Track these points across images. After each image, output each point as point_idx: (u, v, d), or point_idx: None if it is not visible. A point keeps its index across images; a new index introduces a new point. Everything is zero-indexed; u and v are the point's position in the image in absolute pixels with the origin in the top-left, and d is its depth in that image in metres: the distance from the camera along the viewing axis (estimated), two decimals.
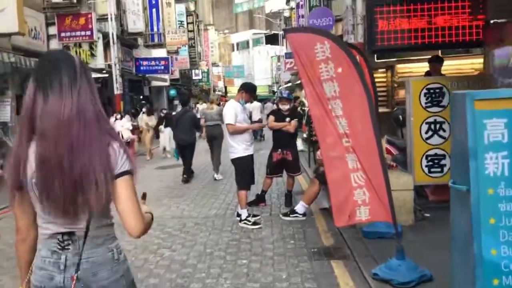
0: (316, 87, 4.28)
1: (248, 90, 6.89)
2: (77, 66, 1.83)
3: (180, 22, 33.06)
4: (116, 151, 1.82)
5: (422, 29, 6.44)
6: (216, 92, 49.07)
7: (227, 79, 53.50)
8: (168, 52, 29.00)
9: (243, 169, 6.74)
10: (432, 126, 6.61)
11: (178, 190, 9.68)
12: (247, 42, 63.85)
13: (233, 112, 6.64)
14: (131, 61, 23.76)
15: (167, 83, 28.81)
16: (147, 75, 25.73)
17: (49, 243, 1.86)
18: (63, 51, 1.99)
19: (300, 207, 6.91)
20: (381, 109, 11.04)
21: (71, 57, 1.86)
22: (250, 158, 6.79)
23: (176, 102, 33.92)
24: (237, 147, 6.67)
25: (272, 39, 58.99)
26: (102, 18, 18.80)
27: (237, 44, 65.14)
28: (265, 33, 62.43)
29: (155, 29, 27.08)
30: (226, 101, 46.80)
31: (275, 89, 56.40)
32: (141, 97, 28.52)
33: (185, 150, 10.75)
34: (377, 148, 4.26)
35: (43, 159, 1.74)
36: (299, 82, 34.07)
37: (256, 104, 19.39)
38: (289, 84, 37.76)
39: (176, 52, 31.15)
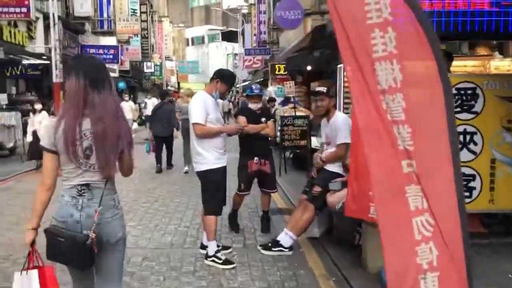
0: (366, 75, 2.50)
1: (225, 80, 4.92)
2: (108, 71, 2.77)
3: (132, 11, 30.52)
4: (128, 129, 2.71)
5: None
6: (169, 87, 46.55)
7: (181, 74, 50.86)
8: (119, 41, 26.50)
9: (214, 186, 4.84)
10: (461, 138, 5.04)
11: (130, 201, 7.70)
12: (203, 38, 61.38)
13: (202, 107, 4.72)
14: (76, 48, 21.20)
15: (116, 74, 26.27)
16: None
17: (71, 191, 2.56)
18: (99, 58, 3.28)
19: (285, 238, 5.15)
20: None
21: (104, 63, 2.85)
22: (223, 171, 4.90)
23: (126, 96, 31.49)
24: (206, 155, 4.76)
25: (228, 36, 56.96)
26: None
27: (192, 39, 62.47)
28: (221, 30, 60.21)
29: (104, 15, 24.57)
30: (178, 97, 44.51)
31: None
32: None
33: (163, 142, 11.00)
34: (454, 178, 2.57)
35: (97, 131, 2.50)
36: (259, 80, 32.51)
37: (224, 102, 17.80)
38: (247, 83, 35.88)
39: (127, 42, 28.62)
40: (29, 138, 11.00)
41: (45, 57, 17.61)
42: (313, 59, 16.44)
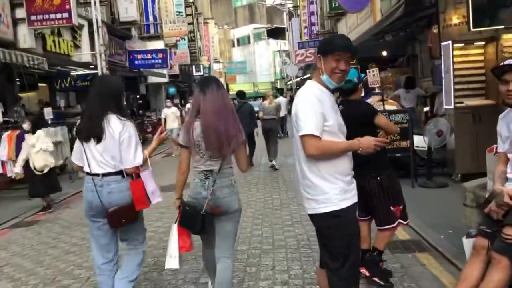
0: None
1: (332, 47, 2.73)
2: (220, 83, 3.51)
3: (178, 13, 29.25)
4: (240, 128, 3.38)
5: None
6: None
7: (229, 76, 49.52)
8: (166, 45, 25.15)
9: (344, 240, 2.79)
10: None
11: None
12: (248, 37, 59.84)
13: (317, 110, 2.71)
14: (123, 55, 20.01)
15: (165, 79, 25.05)
16: (143, 71, 21.98)
17: (199, 175, 3.37)
18: (214, 77, 3.80)
19: None
20: (476, 101, 7.43)
21: (217, 79, 3.69)
22: (353, 211, 2.85)
23: (176, 100, 30.30)
24: (326, 188, 2.76)
25: (274, 33, 55.11)
26: (87, 2, 15.10)
27: (238, 39, 61.07)
28: (266, 27, 58.39)
29: (150, 18, 23.36)
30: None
31: (278, 85, 52.69)
32: (138, 96, 24.88)
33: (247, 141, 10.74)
34: None
35: (206, 129, 3.27)
36: (309, 75, 30.48)
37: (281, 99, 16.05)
38: (297, 79, 33.92)
39: (175, 46, 27.37)
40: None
41: (92, 66, 16.44)
42: (385, 44, 14.36)
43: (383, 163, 3.96)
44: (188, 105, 16.13)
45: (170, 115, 15.16)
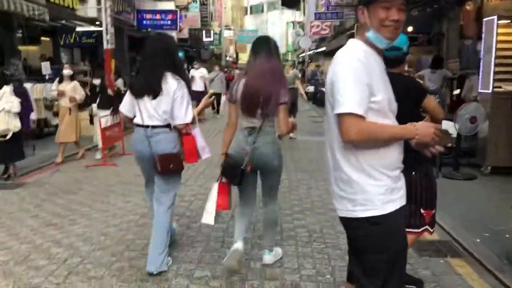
0: None
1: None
2: (272, 45, 3.53)
3: None
4: (281, 91, 3.40)
5: None
6: (227, 58, 44.19)
7: (239, 44, 48.12)
8: (177, 6, 24.10)
9: (385, 255, 2.06)
10: None
11: None
12: (262, 5, 58.17)
13: (362, 78, 1.95)
14: (131, 14, 19.08)
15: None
16: (151, 32, 21.00)
17: (243, 131, 3.51)
18: (267, 38, 3.71)
19: None
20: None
21: (271, 40, 3.60)
22: (399, 217, 2.11)
23: (184, 65, 29.36)
24: (367, 186, 2.03)
25: (288, 3, 53.32)
26: None
27: (251, 7, 59.40)
28: None
29: None
30: (236, 68, 42.08)
31: (289, 57, 51.42)
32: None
33: None
34: None
35: (250, 89, 3.40)
36: (323, 49, 29.42)
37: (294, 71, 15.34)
38: (310, 52, 32.79)
39: (186, 9, 26.28)
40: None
41: (98, 23, 15.53)
42: (409, 19, 13.34)
43: (421, 155, 3.19)
44: (192, 72, 15.18)
45: (197, 77, 14.73)
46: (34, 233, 4.67)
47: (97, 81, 10.15)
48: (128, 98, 3.71)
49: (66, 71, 8.45)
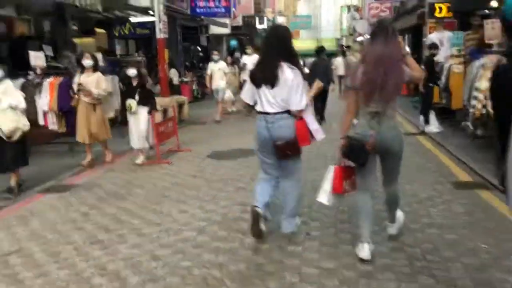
0: None
1: None
2: (389, 31, 3.41)
3: None
4: (401, 71, 3.41)
5: None
6: None
7: (292, 31, 46.93)
8: None
9: None
10: None
11: None
12: None
13: None
14: (184, 1, 18.43)
15: (227, 30, 23.29)
16: (204, 20, 20.31)
17: (366, 116, 3.48)
18: (387, 23, 3.73)
19: None
20: None
21: (389, 26, 3.48)
22: None
23: (237, 54, 28.55)
24: None
25: None
26: None
27: None
28: None
29: None
30: None
31: (343, 42, 49.47)
32: (198, 47, 23.36)
33: (321, 96, 10.40)
34: None
35: (373, 74, 3.35)
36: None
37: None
38: (362, 38, 30.79)
39: None
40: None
41: (152, 13, 14.97)
42: None
43: None
44: (245, 59, 13.22)
45: (217, 71, 12.23)
46: (77, 253, 3.95)
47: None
48: (248, 86, 3.95)
49: (87, 62, 7.14)
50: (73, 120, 7.47)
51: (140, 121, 7.21)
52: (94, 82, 7.10)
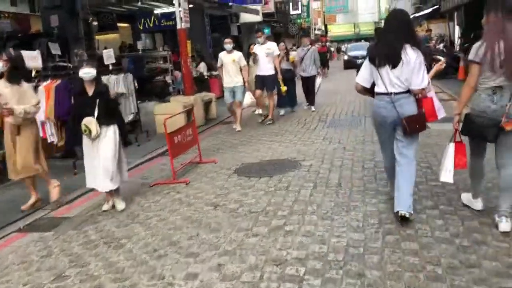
0: None
1: None
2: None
3: None
4: None
5: None
6: (316, 31, 40.85)
7: (328, 15, 44.47)
8: None
9: None
10: None
11: None
12: None
13: None
14: None
15: (259, 18, 21.54)
16: (234, 8, 18.66)
17: (487, 91, 3.46)
18: None
19: None
20: None
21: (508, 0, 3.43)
22: None
23: (282, 44, 26.74)
24: None
25: None
26: None
27: None
28: None
29: None
30: (327, 41, 38.38)
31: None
32: (229, 37, 21.72)
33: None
34: None
35: (507, 49, 3.30)
36: (429, 11, 25.17)
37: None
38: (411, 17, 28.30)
39: None
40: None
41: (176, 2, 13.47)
42: None
43: None
44: (256, 48, 9.59)
45: (229, 64, 8.93)
46: None
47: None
48: (364, 69, 4.00)
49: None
50: None
51: (106, 148, 4.80)
52: (17, 95, 4.95)
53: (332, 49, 38.41)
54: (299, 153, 6.66)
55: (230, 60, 8.95)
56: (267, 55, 9.31)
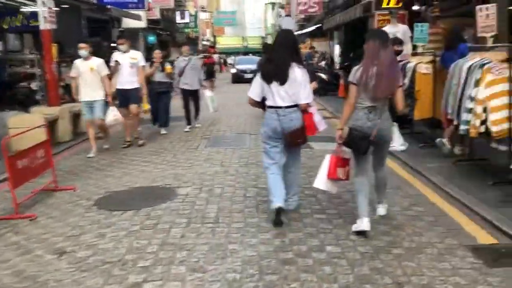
0: None
1: None
2: (385, 36, 3.96)
3: None
4: (399, 75, 4.01)
5: None
6: (204, 42, 40.39)
7: (216, 27, 44.25)
8: None
9: None
10: None
11: None
12: None
13: None
14: None
15: (143, 24, 20.32)
16: (114, 13, 17.25)
17: (363, 110, 3.84)
18: (384, 32, 4.21)
19: None
20: None
21: (384, 33, 4.04)
22: None
23: (157, 51, 25.55)
24: None
25: None
26: None
27: None
28: None
29: None
30: (215, 52, 38.06)
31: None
32: (111, 44, 20.15)
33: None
34: None
35: (377, 74, 3.73)
36: (312, 29, 25.99)
37: None
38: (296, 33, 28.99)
39: None
40: None
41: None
42: None
43: None
44: (116, 55, 8.17)
45: (87, 73, 7.46)
46: None
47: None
48: (256, 84, 4.32)
49: None
50: None
51: None
52: None
53: (222, 60, 38.22)
54: (176, 178, 5.86)
55: (87, 69, 7.45)
56: (131, 66, 7.99)
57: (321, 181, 4.07)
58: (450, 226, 4.05)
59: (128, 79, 7.99)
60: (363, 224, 3.82)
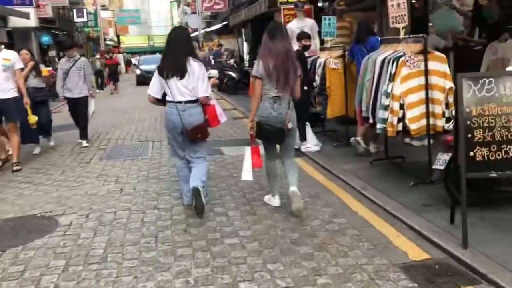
0: None
1: None
2: (286, 30, 4.31)
3: None
4: (298, 66, 4.12)
5: None
6: (107, 42, 38.12)
7: (120, 26, 41.88)
8: None
9: None
10: None
11: None
12: None
13: None
14: None
15: (33, 23, 18.30)
16: None
17: (269, 100, 4.05)
18: (282, 25, 4.53)
19: None
20: None
21: (284, 28, 4.32)
22: None
23: (52, 52, 23.38)
24: None
25: None
26: None
27: None
28: None
29: None
30: (119, 52, 36.04)
31: None
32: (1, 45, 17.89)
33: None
34: None
35: (276, 66, 3.94)
36: (218, 26, 25.31)
37: None
38: (197, 33, 27.99)
39: None
40: None
41: None
42: None
43: None
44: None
45: None
46: None
47: None
48: (155, 80, 4.30)
49: None
50: None
51: None
52: None
53: (125, 60, 36.23)
54: (59, 202, 4.85)
55: None
56: (4, 70, 6.34)
57: (248, 173, 4.21)
58: (377, 240, 3.56)
59: (2, 86, 6.38)
60: (275, 201, 4.35)
